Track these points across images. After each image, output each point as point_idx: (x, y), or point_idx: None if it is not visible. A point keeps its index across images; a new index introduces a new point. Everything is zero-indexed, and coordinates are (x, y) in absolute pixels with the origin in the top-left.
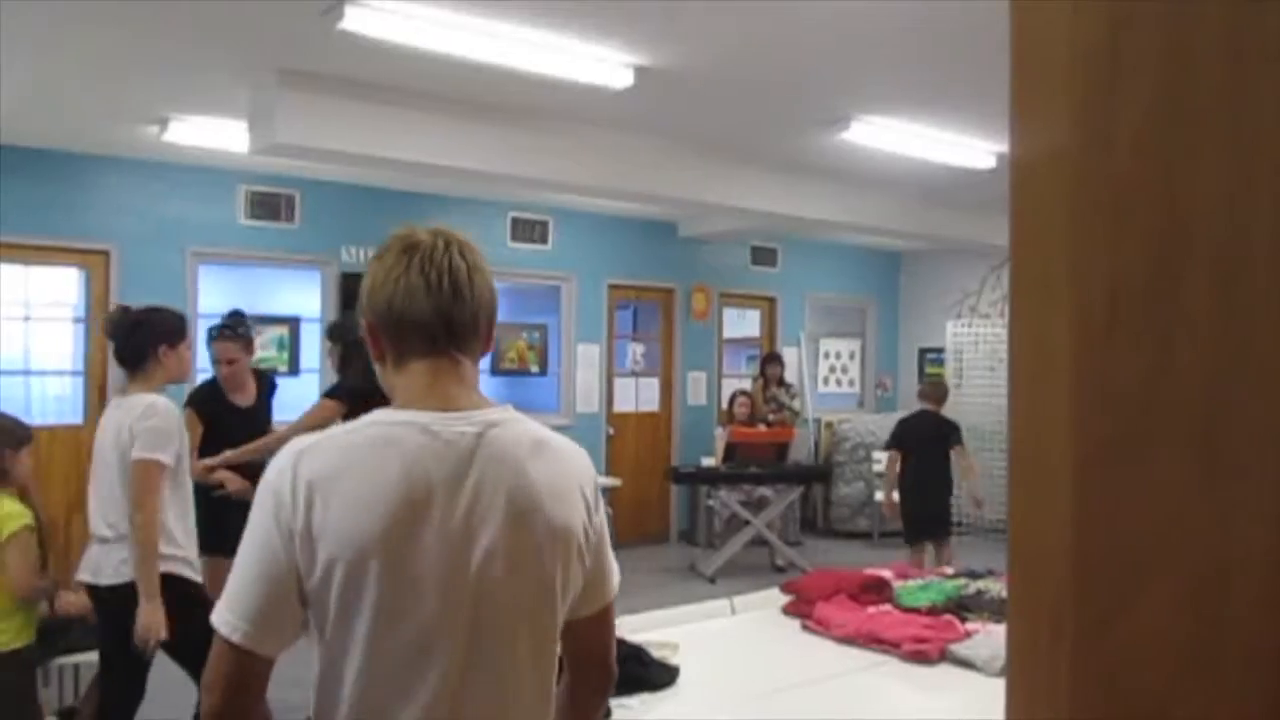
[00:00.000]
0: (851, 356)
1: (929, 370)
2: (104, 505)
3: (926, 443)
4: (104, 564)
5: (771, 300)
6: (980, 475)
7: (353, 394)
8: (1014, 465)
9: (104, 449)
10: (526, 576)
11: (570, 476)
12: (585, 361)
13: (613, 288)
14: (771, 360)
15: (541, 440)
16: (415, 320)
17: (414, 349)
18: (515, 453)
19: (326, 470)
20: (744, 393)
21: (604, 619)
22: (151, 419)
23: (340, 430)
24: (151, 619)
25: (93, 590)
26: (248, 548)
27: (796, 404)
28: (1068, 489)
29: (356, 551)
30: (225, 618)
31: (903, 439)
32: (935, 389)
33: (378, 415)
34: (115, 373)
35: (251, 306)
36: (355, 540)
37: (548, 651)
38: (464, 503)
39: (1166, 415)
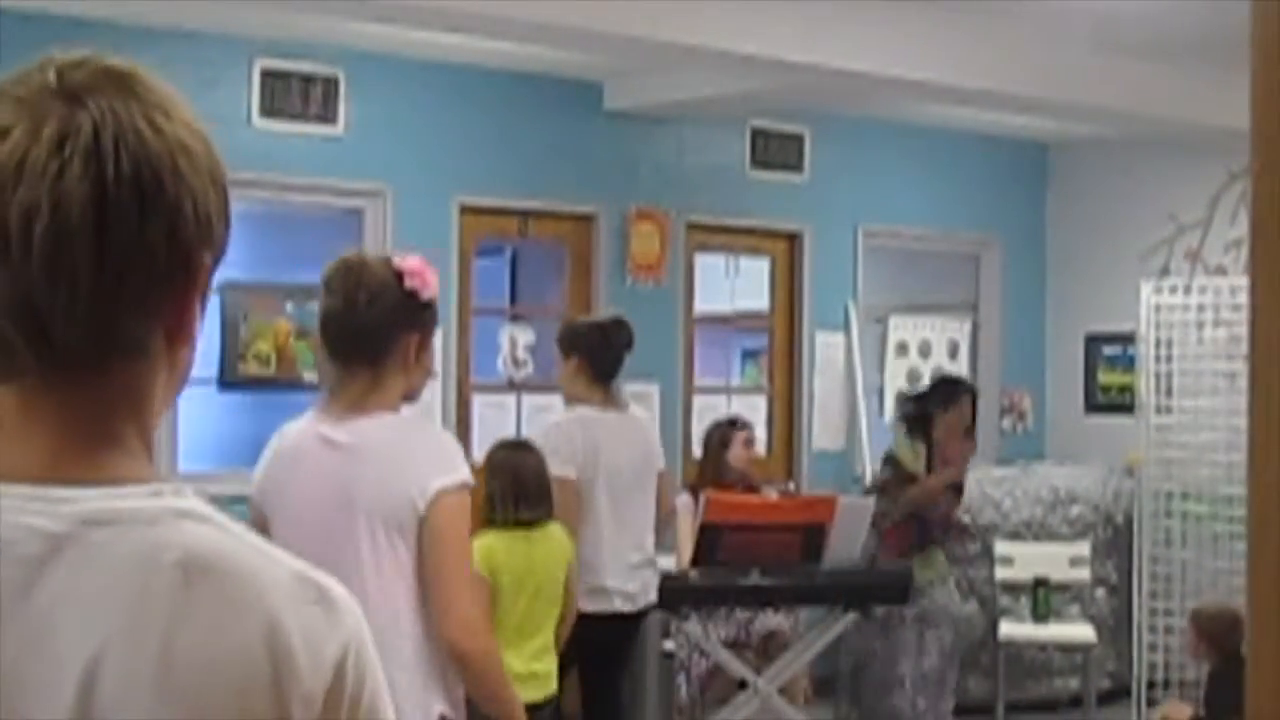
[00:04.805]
0: (952, 353)
1: (1105, 378)
2: None
3: None
4: None
5: (792, 239)
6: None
7: None
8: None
9: None
10: None
11: (245, 646)
12: None
13: (469, 213)
14: (954, 392)
15: (204, 561)
16: None
17: None
18: (134, 587)
19: None
20: (735, 423)
21: None
22: None
23: None
24: None
25: None
26: None
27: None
28: None
29: None
30: None
31: None
32: None
33: None
34: None
35: None
36: None
37: None
38: None
39: None
